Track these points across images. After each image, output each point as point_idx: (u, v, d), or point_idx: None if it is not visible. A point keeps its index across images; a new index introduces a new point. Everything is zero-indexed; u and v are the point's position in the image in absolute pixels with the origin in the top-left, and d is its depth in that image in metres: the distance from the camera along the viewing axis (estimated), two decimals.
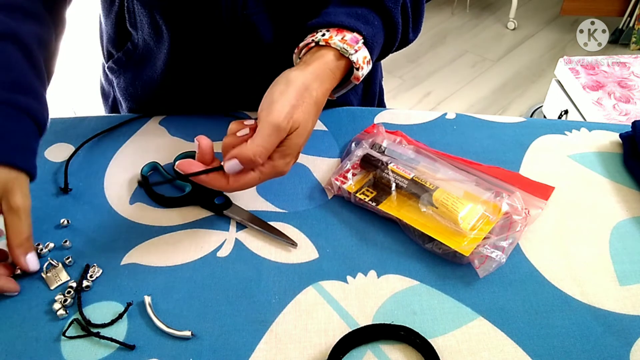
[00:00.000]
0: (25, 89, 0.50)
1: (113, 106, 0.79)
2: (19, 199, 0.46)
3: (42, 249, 0.51)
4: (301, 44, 0.53)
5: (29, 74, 0.51)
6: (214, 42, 0.62)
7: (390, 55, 0.61)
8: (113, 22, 0.65)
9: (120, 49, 0.67)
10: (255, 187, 0.58)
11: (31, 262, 0.47)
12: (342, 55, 0.51)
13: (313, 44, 0.51)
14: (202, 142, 0.49)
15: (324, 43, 0.50)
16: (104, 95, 0.80)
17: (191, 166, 0.47)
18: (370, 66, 0.53)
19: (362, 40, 0.52)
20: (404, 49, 0.62)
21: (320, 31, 0.52)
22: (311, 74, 0.48)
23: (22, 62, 0.51)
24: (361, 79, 0.53)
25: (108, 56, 0.71)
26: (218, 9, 0.58)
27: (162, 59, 0.64)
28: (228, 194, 0.57)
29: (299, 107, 0.46)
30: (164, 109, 0.69)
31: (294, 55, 0.54)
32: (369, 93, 0.79)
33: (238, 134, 0.47)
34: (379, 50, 0.56)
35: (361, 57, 0.51)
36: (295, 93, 0.46)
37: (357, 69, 0.51)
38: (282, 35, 0.62)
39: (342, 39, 0.50)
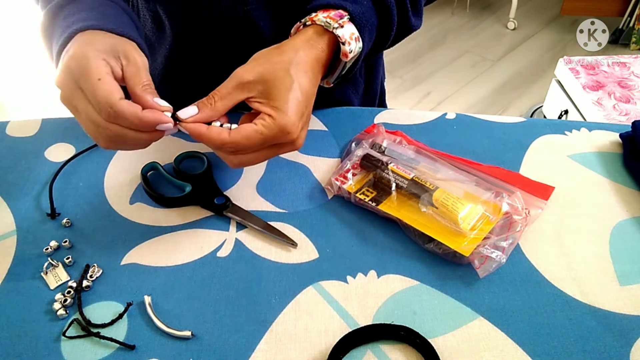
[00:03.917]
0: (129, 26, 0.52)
1: None
2: (137, 56, 0.47)
3: (47, 248, 0.51)
4: (292, 30, 0.53)
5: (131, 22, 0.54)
6: (215, 38, 0.62)
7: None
8: None
9: None
10: (255, 187, 0.58)
11: (160, 102, 0.47)
12: (326, 30, 0.51)
13: (301, 27, 0.52)
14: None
15: (309, 22, 0.52)
16: None
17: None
18: (360, 43, 0.53)
19: (348, 17, 0.52)
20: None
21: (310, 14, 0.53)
22: (290, 45, 0.50)
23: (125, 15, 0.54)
24: (350, 56, 0.52)
25: None
26: (218, 4, 0.58)
27: (162, 55, 0.64)
28: (228, 194, 0.57)
29: (267, 64, 0.48)
30: None
31: None
32: (370, 92, 0.78)
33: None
34: (374, 32, 0.56)
35: (347, 32, 0.51)
36: (267, 53, 0.49)
37: (344, 44, 0.51)
38: (282, 31, 0.62)
39: (326, 15, 0.51)
